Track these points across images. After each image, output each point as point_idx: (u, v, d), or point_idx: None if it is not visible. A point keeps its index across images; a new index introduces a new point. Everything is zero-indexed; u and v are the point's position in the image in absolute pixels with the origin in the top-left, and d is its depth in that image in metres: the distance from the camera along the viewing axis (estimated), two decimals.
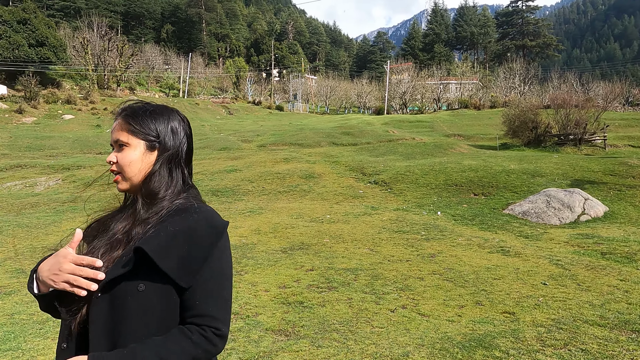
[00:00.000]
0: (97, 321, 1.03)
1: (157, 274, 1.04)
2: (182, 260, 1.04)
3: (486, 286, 5.06)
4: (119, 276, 1.03)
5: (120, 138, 1.15)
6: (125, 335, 1.03)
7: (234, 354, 3.30)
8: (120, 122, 1.17)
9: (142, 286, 1.03)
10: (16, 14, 48.45)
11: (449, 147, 23.28)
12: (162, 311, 1.05)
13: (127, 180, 1.15)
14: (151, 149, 1.17)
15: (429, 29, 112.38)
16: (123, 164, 1.14)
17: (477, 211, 10.45)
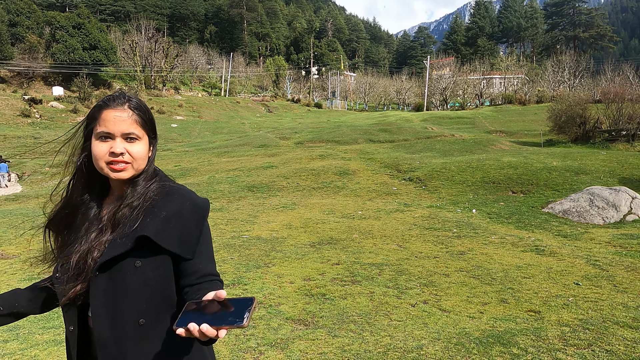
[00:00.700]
0: (97, 296, 1.15)
1: (153, 251, 1.16)
2: (181, 238, 1.18)
3: (514, 284, 4.94)
4: (117, 256, 1.15)
5: (134, 132, 1.22)
6: (123, 303, 1.15)
7: (253, 339, 3.45)
8: (133, 115, 1.23)
9: (139, 262, 1.16)
10: (72, 20, 51.53)
11: (489, 144, 22.56)
12: (158, 282, 1.18)
13: (134, 170, 1.23)
14: (150, 144, 1.28)
15: (472, 22, 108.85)
16: (137, 156, 1.22)
17: (514, 209, 10.12)
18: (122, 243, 1.15)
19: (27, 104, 43.81)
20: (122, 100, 1.24)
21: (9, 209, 12.22)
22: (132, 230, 1.16)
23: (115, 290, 1.15)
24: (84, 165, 1.26)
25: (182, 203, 1.21)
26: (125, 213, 1.20)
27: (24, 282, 5.27)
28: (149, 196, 1.22)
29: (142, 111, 1.26)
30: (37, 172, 24.04)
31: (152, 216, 1.18)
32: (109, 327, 1.14)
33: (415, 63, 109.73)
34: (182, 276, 1.21)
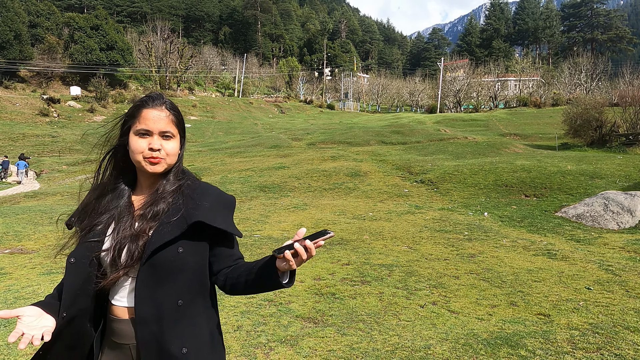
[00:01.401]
0: (143, 280, 1.24)
1: (194, 238, 1.28)
2: (226, 219, 1.32)
3: (524, 288, 4.93)
4: (164, 244, 1.24)
5: (170, 130, 1.33)
6: (165, 285, 1.24)
7: (263, 335, 3.52)
8: (169, 115, 1.34)
9: (181, 249, 1.26)
10: (90, 21, 52.49)
11: (502, 147, 22.36)
12: (195, 267, 1.29)
13: (166, 165, 1.34)
14: (181, 142, 1.39)
15: (487, 24, 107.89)
16: (172, 153, 1.33)
17: (526, 213, 10.05)
18: (171, 230, 1.25)
19: (45, 103, 44.76)
20: (161, 101, 1.35)
21: (28, 205, 12.54)
22: (177, 218, 1.26)
23: (158, 274, 1.24)
24: (119, 158, 1.38)
25: (215, 196, 1.35)
26: (163, 205, 1.30)
27: (43, 275, 5.44)
28: (184, 189, 1.33)
29: (177, 111, 1.38)
30: (55, 169, 24.56)
31: (194, 206, 1.28)
32: (150, 307, 1.23)
33: (429, 65, 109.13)
34: (218, 260, 1.33)
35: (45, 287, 4.95)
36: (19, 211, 10.59)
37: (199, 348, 1.28)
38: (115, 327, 1.29)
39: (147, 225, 1.27)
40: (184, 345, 1.24)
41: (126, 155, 1.35)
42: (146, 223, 1.28)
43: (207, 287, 1.33)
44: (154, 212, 1.29)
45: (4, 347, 3.35)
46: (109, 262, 1.27)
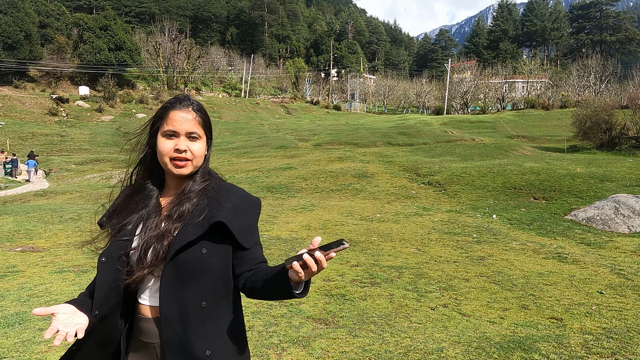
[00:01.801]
0: (165, 280, 1.25)
1: (218, 240, 1.28)
2: (242, 229, 1.30)
3: (535, 291, 4.90)
4: (190, 242, 1.25)
5: (197, 131, 1.34)
6: (189, 286, 1.25)
7: (275, 336, 3.52)
8: (196, 117, 1.35)
9: (205, 250, 1.27)
10: (98, 21, 52.88)
11: (510, 149, 22.24)
12: (219, 268, 1.30)
13: (193, 167, 1.35)
14: (207, 143, 1.40)
15: (495, 25, 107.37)
16: (198, 154, 1.34)
17: (535, 216, 9.98)
18: (194, 231, 1.26)
19: (54, 102, 45.16)
20: (188, 102, 1.36)
21: (38, 204, 12.65)
22: (200, 219, 1.27)
23: (182, 274, 1.25)
24: (148, 160, 1.39)
25: (240, 198, 1.34)
26: (188, 206, 1.31)
27: (55, 274, 5.48)
28: (208, 191, 1.34)
29: (204, 113, 1.38)
30: (63, 168, 24.76)
31: (217, 207, 1.29)
32: (174, 307, 1.24)
33: (435, 66, 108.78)
34: (240, 263, 1.32)
35: (57, 285, 5.00)
36: (29, 209, 10.69)
37: (223, 350, 1.28)
38: (142, 326, 1.31)
39: (173, 225, 1.29)
40: (208, 346, 1.25)
41: (155, 157, 1.37)
42: (172, 223, 1.29)
43: (230, 289, 1.33)
44: (179, 213, 1.30)
45: (19, 345, 3.38)
46: (136, 261, 1.29)
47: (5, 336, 3.53)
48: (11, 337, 3.50)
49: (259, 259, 1.35)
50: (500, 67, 60.08)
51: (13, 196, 15.49)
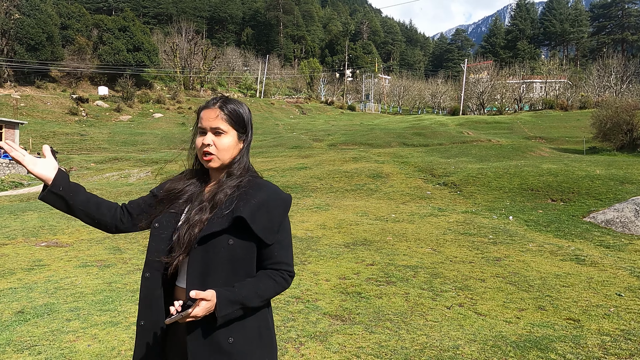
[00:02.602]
0: (193, 266, 1.34)
1: (244, 233, 1.35)
2: (267, 224, 1.37)
3: (552, 292, 4.88)
4: (215, 232, 1.33)
5: (221, 127, 1.43)
6: (215, 276, 1.33)
7: (293, 330, 3.61)
8: (221, 113, 1.44)
9: (231, 241, 1.35)
10: (118, 22, 53.88)
11: (527, 150, 21.97)
12: (244, 260, 1.37)
13: (219, 160, 1.45)
14: (240, 138, 1.49)
15: (513, 25, 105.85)
16: (222, 148, 1.44)
17: (553, 217, 9.88)
18: (220, 222, 1.34)
19: (74, 102, 46.17)
20: (214, 101, 1.48)
21: None
22: (227, 212, 1.36)
23: (209, 262, 1.33)
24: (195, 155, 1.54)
25: (269, 194, 1.41)
26: (222, 197, 1.40)
27: (79, 268, 5.66)
28: (242, 185, 1.42)
29: (230, 110, 1.47)
30: (83, 167, 25.31)
31: (245, 202, 1.37)
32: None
33: (451, 66, 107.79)
34: (260, 259, 1.41)
35: (82, 278, 5.17)
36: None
37: (246, 340, 1.34)
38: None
39: (205, 214, 1.38)
40: (231, 335, 1.31)
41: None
42: (204, 212, 1.39)
43: None
44: (213, 203, 1.40)
45: (49, 334, 3.53)
46: (175, 241, 1.39)
47: (35, 325, 3.69)
48: (41, 327, 3.66)
49: (276, 258, 1.39)
50: (517, 67, 59.22)
51: (36, 193, 15.92)
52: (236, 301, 1.28)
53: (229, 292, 1.28)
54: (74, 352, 3.19)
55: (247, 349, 1.33)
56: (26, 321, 3.80)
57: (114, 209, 1.50)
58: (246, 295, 1.31)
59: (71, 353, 3.17)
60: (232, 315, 1.30)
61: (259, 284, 1.35)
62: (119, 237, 7.87)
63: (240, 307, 1.30)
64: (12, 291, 4.75)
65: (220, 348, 1.30)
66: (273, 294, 1.39)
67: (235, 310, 1.29)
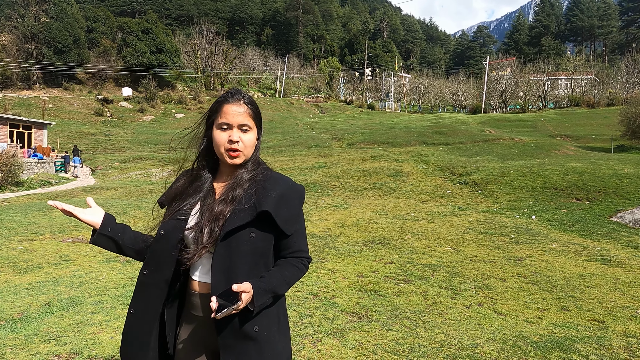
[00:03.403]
0: (217, 260, 1.36)
1: (264, 225, 1.38)
2: (287, 216, 1.40)
3: (576, 293, 4.76)
4: (238, 227, 1.36)
5: (247, 123, 1.45)
6: (238, 268, 1.36)
7: (310, 327, 3.62)
8: (247, 110, 1.46)
9: (253, 234, 1.37)
10: (141, 25, 55.03)
11: (552, 148, 21.45)
12: (264, 252, 1.41)
13: (244, 157, 1.46)
14: (257, 133, 1.51)
15: (536, 21, 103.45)
16: (249, 145, 1.45)
17: (578, 217, 9.62)
18: (242, 216, 1.36)
19: (100, 103, 47.40)
20: (239, 96, 1.47)
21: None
22: (248, 206, 1.37)
23: (232, 256, 1.36)
24: (204, 149, 1.52)
25: (286, 187, 1.44)
26: (240, 192, 1.42)
27: (103, 263, 5.82)
28: (257, 179, 1.44)
29: (254, 105, 1.49)
30: (108, 166, 25.96)
31: (264, 196, 1.39)
32: (224, 287, 1.33)
33: (473, 64, 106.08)
34: (279, 249, 1.44)
35: (106, 273, 5.31)
36: (78, 204, 11.30)
37: (269, 327, 1.38)
38: (194, 301, 1.42)
39: (227, 208, 1.40)
40: (256, 324, 1.35)
41: (210, 147, 1.50)
42: (225, 206, 1.40)
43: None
44: (232, 197, 1.41)
45: (74, 326, 3.64)
46: (192, 240, 1.40)
47: (61, 317, 3.81)
48: (67, 319, 3.78)
49: (294, 247, 1.44)
50: (542, 64, 57.77)
51: (63, 191, 16.43)
52: (269, 290, 1.34)
53: (262, 282, 1.33)
54: (97, 343, 3.29)
55: (269, 335, 1.38)
56: (53, 313, 3.93)
57: None
58: (276, 283, 1.36)
59: (95, 344, 3.27)
60: (265, 304, 1.35)
61: (285, 272, 1.40)
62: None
63: (272, 295, 1.36)
64: (40, 284, 4.92)
65: (248, 336, 1.34)
66: (296, 280, 1.45)
67: (268, 299, 1.35)
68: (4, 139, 24.68)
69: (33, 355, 3.10)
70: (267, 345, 1.36)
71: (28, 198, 15.01)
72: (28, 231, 8.10)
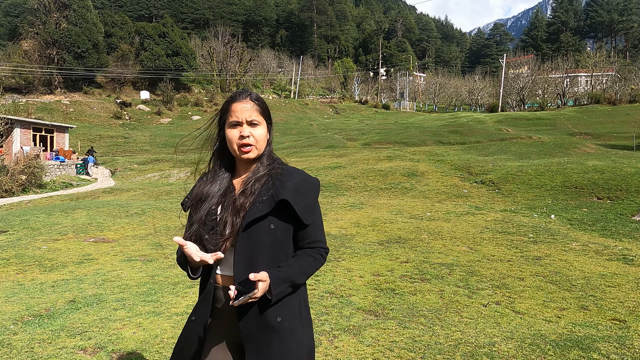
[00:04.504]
0: (239, 252, 1.42)
1: (283, 216, 1.44)
2: (304, 206, 1.46)
3: (596, 292, 4.69)
4: (258, 217, 1.41)
5: (256, 118, 1.51)
6: (259, 259, 1.41)
7: (327, 324, 3.66)
8: (254, 105, 1.52)
9: (272, 225, 1.43)
10: (157, 29, 55.93)
11: (571, 147, 21.06)
12: (284, 242, 1.46)
13: (257, 151, 1.52)
14: (268, 128, 1.56)
15: (555, 17, 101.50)
16: (259, 139, 1.51)
17: (599, 216, 9.43)
18: (261, 207, 1.42)
19: (118, 107, 48.31)
20: (246, 94, 1.54)
21: (107, 200, 13.68)
22: (267, 197, 1.43)
23: (253, 247, 1.41)
24: (219, 149, 1.58)
25: (301, 178, 1.50)
26: (258, 185, 1.47)
27: (124, 262, 5.96)
28: (275, 172, 1.50)
29: (261, 101, 1.55)
30: (127, 168, 26.46)
31: (281, 186, 1.44)
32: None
33: (489, 62, 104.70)
34: (297, 240, 1.49)
35: (127, 272, 5.44)
36: (99, 205, 11.60)
37: (291, 318, 1.43)
38: (218, 295, 1.48)
39: (247, 200, 1.46)
40: (278, 314, 1.40)
41: (224, 147, 1.56)
42: (245, 199, 1.46)
43: None
44: (251, 190, 1.47)
45: (98, 322, 3.76)
46: (218, 234, 1.46)
47: (85, 314, 3.94)
48: (91, 315, 3.90)
49: (312, 238, 1.48)
50: (560, 61, 56.64)
51: (84, 193, 16.83)
52: (286, 279, 1.38)
53: (279, 272, 1.38)
54: (120, 338, 3.39)
55: (291, 326, 1.42)
56: (77, 309, 4.06)
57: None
58: (293, 273, 1.40)
59: (118, 339, 3.37)
60: (283, 293, 1.39)
61: (302, 262, 1.45)
62: (161, 234, 8.21)
63: (290, 284, 1.40)
64: (64, 282, 5.08)
65: (270, 326, 1.39)
66: (315, 270, 1.48)
67: (285, 288, 1.39)
68: (27, 142, 25.40)
69: (60, 350, 3.21)
70: (289, 336, 1.40)
71: (51, 199, 15.42)
72: (52, 231, 8.34)
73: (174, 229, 8.51)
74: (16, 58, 48.82)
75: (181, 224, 1.56)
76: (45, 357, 3.09)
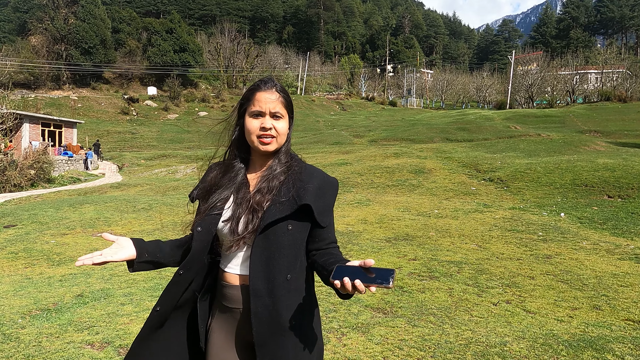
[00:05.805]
0: (256, 253, 1.36)
1: (301, 217, 1.37)
2: (323, 209, 1.39)
3: (609, 292, 4.61)
4: (277, 219, 1.34)
5: (280, 111, 1.43)
6: (277, 260, 1.35)
7: (335, 321, 3.62)
8: (279, 97, 1.44)
9: (290, 226, 1.36)
10: (165, 25, 56.02)
11: (581, 144, 20.81)
12: (300, 244, 1.39)
13: (277, 144, 1.44)
14: (289, 122, 1.49)
15: (565, 13, 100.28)
16: (282, 132, 1.44)
17: (610, 214, 9.30)
18: (282, 209, 1.35)
19: (126, 102, 48.54)
20: (272, 84, 1.45)
21: (114, 195, 13.74)
22: (287, 199, 1.36)
23: (270, 248, 1.34)
24: (236, 139, 1.50)
25: (321, 179, 1.42)
26: (276, 182, 1.41)
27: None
28: (293, 171, 1.43)
29: (286, 94, 1.47)
30: (134, 163, 26.58)
31: (302, 187, 1.37)
32: (263, 281, 1.33)
33: (498, 58, 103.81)
34: (313, 241, 1.40)
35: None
36: (106, 200, 11.64)
37: (303, 320, 1.37)
38: (227, 293, 1.42)
39: (264, 199, 1.39)
40: (291, 316, 1.35)
41: (242, 137, 1.48)
42: (263, 197, 1.39)
43: (304, 264, 1.41)
44: (268, 188, 1.40)
45: (105, 316, 3.75)
46: (228, 232, 1.39)
47: (93, 308, 3.93)
48: (98, 309, 3.89)
49: (329, 239, 1.42)
50: (570, 58, 55.97)
51: (92, 188, 16.93)
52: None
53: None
54: (127, 333, 3.38)
55: (304, 329, 1.37)
56: (85, 304, 4.06)
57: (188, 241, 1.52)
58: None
59: (125, 334, 3.36)
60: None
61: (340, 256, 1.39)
62: (168, 229, 8.22)
63: None
64: (72, 277, 5.09)
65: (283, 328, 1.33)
66: None
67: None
68: (36, 137, 25.58)
69: (67, 344, 3.20)
70: (302, 338, 1.36)
71: (59, 194, 15.52)
72: (60, 226, 8.38)
73: (180, 224, 8.51)
74: (25, 53, 49.15)
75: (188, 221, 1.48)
76: (52, 351, 3.09)
